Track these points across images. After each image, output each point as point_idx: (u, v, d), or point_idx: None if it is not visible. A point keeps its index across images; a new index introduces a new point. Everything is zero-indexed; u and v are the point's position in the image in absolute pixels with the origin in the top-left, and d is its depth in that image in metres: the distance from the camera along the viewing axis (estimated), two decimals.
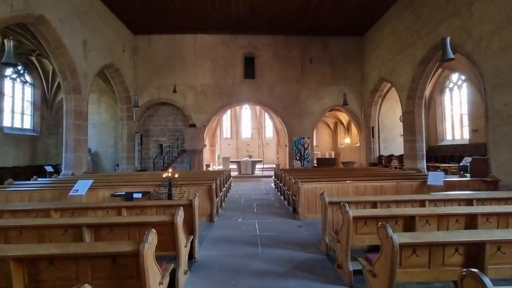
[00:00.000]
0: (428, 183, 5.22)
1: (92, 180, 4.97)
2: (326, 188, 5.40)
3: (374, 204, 3.52)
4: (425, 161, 10.53)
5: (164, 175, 4.90)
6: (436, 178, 5.18)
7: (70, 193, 4.74)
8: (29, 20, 7.87)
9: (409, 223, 2.81)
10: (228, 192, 9.09)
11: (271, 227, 4.89)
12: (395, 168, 12.19)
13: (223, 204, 7.00)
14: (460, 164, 9.79)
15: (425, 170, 10.08)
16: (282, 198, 7.90)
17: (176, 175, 5.03)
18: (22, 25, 9.00)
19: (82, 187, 4.79)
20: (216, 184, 6.08)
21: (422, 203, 3.54)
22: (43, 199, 5.14)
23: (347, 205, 2.76)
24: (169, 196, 4.95)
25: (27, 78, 13.30)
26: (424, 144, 10.54)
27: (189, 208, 3.41)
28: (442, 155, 13.11)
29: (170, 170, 5.06)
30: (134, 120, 13.87)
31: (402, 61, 10.85)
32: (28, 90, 13.39)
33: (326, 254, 3.57)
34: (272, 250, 3.78)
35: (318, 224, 5.00)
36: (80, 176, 8.72)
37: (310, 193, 5.40)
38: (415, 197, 3.69)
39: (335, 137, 20.27)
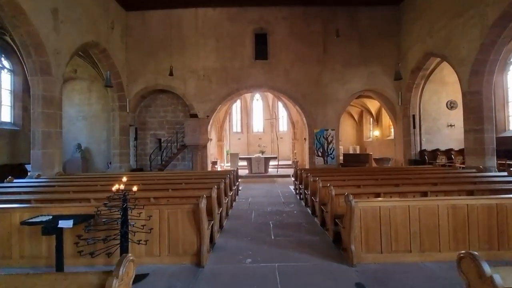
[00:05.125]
0: None
1: None
2: (400, 209, 3.10)
3: None
4: (495, 157, 7.96)
5: (114, 188, 2.74)
6: None
7: None
8: None
9: None
10: (235, 200, 6.90)
11: None
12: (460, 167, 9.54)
13: (224, 224, 4.81)
14: None
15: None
16: (309, 211, 5.63)
17: (135, 188, 2.85)
18: None
19: None
20: (214, 195, 3.91)
21: None
22: None
23: None
24: (123, 225, 2.79)
25: (5, 63, 11.53)
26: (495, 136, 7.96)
27: None
28: (505, 149, 10.36)
29: (124, 178, 2.87)
30: (128, 110, 11.90)
31: (462, 26, 8.22)
32: (7, 77, 11.62)
33: None
34: None
35: (396, 280, 2.71)
36: (57, 178, 6.76)
37: (371, 218, 3.11)
38: None
39: (360, 129, 17.66)
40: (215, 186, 4.06)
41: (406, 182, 4.77)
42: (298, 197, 7.29)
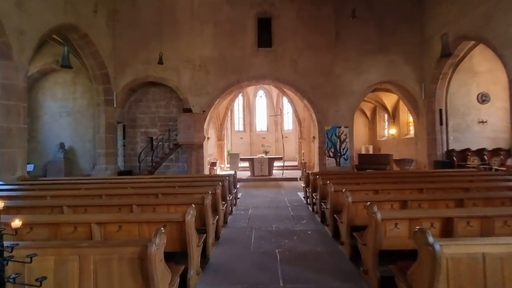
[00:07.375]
0: None
1: None
2: None
3: None
4: None
5: None
6: None
7: None
8: None
9: None
10: (230, 213, 5.50)
11: None
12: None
13: (211, 254, 3.41)
14: None
15: None
16: (329, 232, 4.21)
17: (18, 221, 1.47)
18: None
19: None
20: (189, 219, 2.54)
21: None
22: None
23: None
24: None
25: None
26: None
27: None
28: None
29: (2, 203, 1.49)
30: (115, 105, 10.57)
31: None
32: None
33: None
34: None
35: None
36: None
37: (468, 274, 1.66)
38: None
39: (373, 127, 16.15)
40: (192, 205, 2.66)
41: (469, 196, 3.34)
42: (311, 209, 5.88)
